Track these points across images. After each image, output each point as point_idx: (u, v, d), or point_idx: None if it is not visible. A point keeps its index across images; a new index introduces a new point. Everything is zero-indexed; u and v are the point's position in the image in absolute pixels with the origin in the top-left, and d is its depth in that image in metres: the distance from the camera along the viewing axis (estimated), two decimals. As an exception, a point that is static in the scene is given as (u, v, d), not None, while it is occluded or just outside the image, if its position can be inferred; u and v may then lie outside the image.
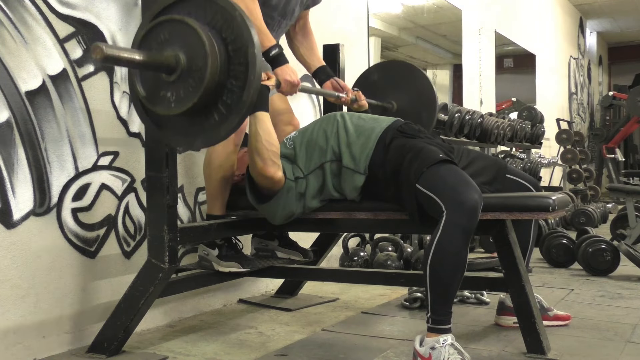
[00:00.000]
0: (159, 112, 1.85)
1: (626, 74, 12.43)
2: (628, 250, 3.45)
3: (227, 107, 1.79)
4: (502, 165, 2.32)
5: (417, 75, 3.01)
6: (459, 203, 1.85)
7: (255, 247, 2.68)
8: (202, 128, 1.83)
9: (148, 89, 1.86)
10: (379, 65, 3.19)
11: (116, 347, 2.11)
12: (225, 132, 1.83)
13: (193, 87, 1.76)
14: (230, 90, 1.78)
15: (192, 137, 1.87)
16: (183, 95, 1.78)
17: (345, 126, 2.21)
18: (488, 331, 2.39)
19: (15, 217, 2.03)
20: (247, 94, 1.75)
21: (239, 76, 1.77)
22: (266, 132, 2.10)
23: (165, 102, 1.82)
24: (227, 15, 1.79)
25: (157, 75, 1.82)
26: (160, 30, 1.81)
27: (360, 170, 2.13)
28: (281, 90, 2.25)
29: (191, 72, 1.76)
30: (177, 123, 1.87)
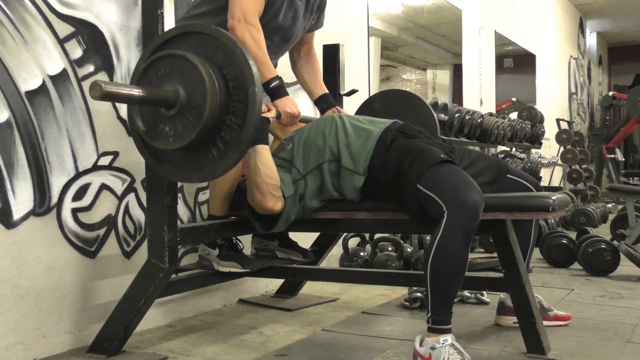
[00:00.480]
0: (158, 147, 1.85)
1: (626, 74, 12.43)
2: (628, 250, 3.45)
3: (226, 144, 1.79)
4: (503, 165, 2.32)
5: (418, 104, 3.01)
6: (460, 203, 1.85)
7: (256, 247, 2.68)
8: (199, 163, 1.84)
9: (147, 123, 1.86)
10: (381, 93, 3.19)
11: (116, 347, 2.11)
12: (223, 169, 1.83)
13: (192, 123, 1.76)
14: (229, 127, 1.79)
15: (190, 171, 1.87)
16: (182, 131, 1.78)
17: (344, 127, 2.20)
18: (488, 331, 2.39)
19: (15, 217, 2.03)
20: (246, 131, 1.76)
21: (238, 113, 1.77)
22: (265, 165, 2.10)
23: (164, 136, 1.82)
24: (228, 51, 1.79)
25: (156, 109, 1.82)
26: (161, 64, 1.82)
27: (359, 171, 2.13)
28: (281, 122, 2.25)
29: (190, 108, 1.76)
30: (176, 158, 1.88)
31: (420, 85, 6.22)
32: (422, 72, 6.25)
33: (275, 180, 2.11)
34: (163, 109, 1.80)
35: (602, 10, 10.76)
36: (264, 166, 2.10)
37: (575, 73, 10.50)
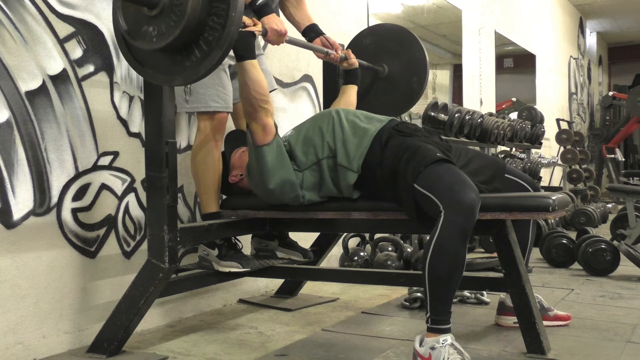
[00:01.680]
0: (141, 47, 1.86)
1: (626, 74, 12.43)
2: (628, 250, 3.45)
3: (208, 44, 1.80)
4: (500, 164, 2.32)
5: (409, 39, 3.00)
6: (457, 203, 1.85)
7: (255, 247, 2.68)
8: (183, 65, 1.85)
9: (130, 23, 1.87)
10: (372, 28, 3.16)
11: (116, 347, 2.11)
12: (205, 69, 1.83)
13: (174, 22, 1.77)
14: (211, 27, 1.80)
15: (173, 74, 1.88)
16: (164, 30, 1.79)
17: (341, 123, 2.21)
18: (488, 331, 2.39)
19: (15, 217, 2.03)
20: (228, 30, 1.77)
21: (220, 13, 1.78)
22: (254, 80, 2.13)
23: (147, 37, 1.83)
24: None
25: (139, 10, 1.83)
26: None
27: (353, 168, 2.13)
28: (268, 39, 2.25)
29: (173, 7, 1.77)
30: (159, 60, 1.88)
31: (420, 85, 6.21)
32: (422, 72, 6.24)
33: (264, 95, 2.15)
34: (146, 8, 1.81)
35: (602, 10, 10.76)
36: (252, 82, 2.12)
37: (575, 73, 10.50)
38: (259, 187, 2.25)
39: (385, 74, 2.95)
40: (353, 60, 2.70)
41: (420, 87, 2.93)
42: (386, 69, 2.95)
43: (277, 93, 3.24)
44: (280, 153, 2.19)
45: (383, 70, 2.95)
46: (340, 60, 2.67)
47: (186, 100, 2.35)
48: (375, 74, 2.96)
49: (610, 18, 11.33)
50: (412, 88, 2.93)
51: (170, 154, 2.04)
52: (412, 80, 2.93)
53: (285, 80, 3.37)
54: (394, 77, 2.94)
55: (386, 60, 2.97)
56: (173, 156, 2.06)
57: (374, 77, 2.96)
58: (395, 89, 2.96)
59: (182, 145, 2.67)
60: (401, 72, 2.96)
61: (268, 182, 2.19)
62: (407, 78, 2.94)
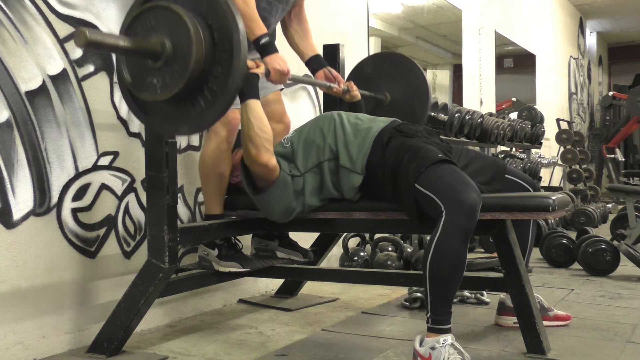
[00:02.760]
0: (145, 99, 1.86)
1: (626, 74, 12.42)
2: (628, 250, 3.45)
3: (213, 94, 1.80)
4: (501, 165, 2.32)
5: (410, 67, 3.00)
6: (458, 203, 1.85)
7: (255, 247, 2.68)
8: (188, 115, 1.84)
9: (134, 75, 1.87)
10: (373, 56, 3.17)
11: (116, 347, 2.11)
12: (210, 119, 1.84)
13: (179, 73, 1.77)
14: (215, 76, 1.79)
15: (178, 124, 1.87)
16: (169, 82, 1.79)
17: (343, 125, 2.21)
18: (488, 331, 2.39)
19: (15, 217, 2.03)
20: (232, 80, 1.77)
21: (224, 63, 1.78)
22: (258, 119, 2.10)
23: (152, 88, 1.82)
24: (212, 2, 1.80)
25: (143, 61, 1.83)
26: (147, 17, 1.82)
27: (357, 170, 2.13)
28: (270, 79, 2.25)
29: (177, 59, 1.77)
30: (164, 110, 1.88)
31: (420, 85, 6.21)
32: (422, 72, 6.25)
33: (268, 134, 2.12)
34: (150, 60, 1.80)
35: (602, 10, 10.76)
36: (256, 120, 2.10)
37: (575, 73, 10.50)
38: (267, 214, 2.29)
39: (388, 101, 2.94)
40: (355, 93, 2.68)
41: (422, 112, 2.93)
42: (388, 97, 2.95)
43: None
44: (285, 187, 2.17)
45: (385, 98, 2.94)
46: (342, 92, 2.66)
47: None
48: (377, 102, 2.94)
49: (610, 18, 11.32)
50: (414, 114, 2.91)
51: (170, 154, 2.04)
52: (414, 106, 2.92)
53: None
54: (396, 104, 2.92)
55: (388, 88, 2.96)
56: (173, 156, 2.06)
57: (376, 105, 2.95)
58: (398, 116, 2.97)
59: (182, 145, 2.67)
60: (403, 98, 2.95)
61: (272, 214, 2.24)
62: (410, 104, 2.92)
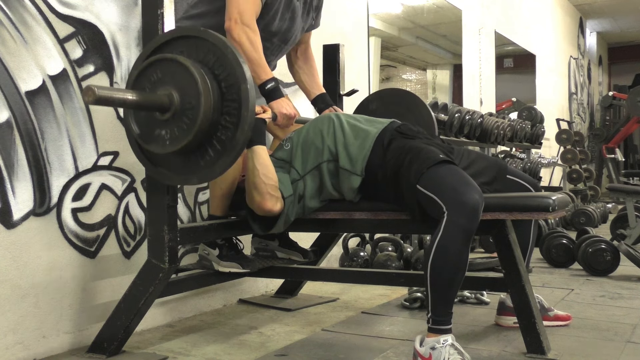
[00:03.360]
0: (154, 151, 1.86)
1: (626, 74, 12.43)
2: (628, 250, 3.45)
3: (222, 144, 1.80)
4: (502, 165, 2.32)
5: (416, 103, 3.00)
6: (460, 203, 1.85)
7: (256, 246, 2.68)
8: (197, 166, 1.85)
9: (142, 127, 1.87)
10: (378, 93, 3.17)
11: (116, 347, 2.11)
12: (220, 169, 1.84)
13: (187, 125, 1.76)
14: (224, 127, 1.80)
15: (187, 175, 1.88)
16: (178, 134, 1.79)
17: (342, 126, 2.20)
18: (488, 331, 2.39)
19: (15, 217, 2.03)
20: (241, 130, 1.77)
21: (232, 112, 1.78)
22: (263, 166, 2.10)
23: (160, 141, 1.82)
24: (218, 52, 1.80)
25: (151, 114, 1.82)
26: (153, 69, 1.82)
27: (357, 171, 2.13)
28: (277, 124, 2.25)
29: (185, 111, 1.77)
30: (173, 161, 1.88)
31: (420, 85, 6.22)
32: (422, 72, 6.25)
33: (273, 181, 2.11)
34: (158, 113, 1.80)
35: (602, 10, 10.76)
36: (262, 166, 2.09)
37: (575, 73, 10.50)
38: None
39: None
40: None
41: None
42: None
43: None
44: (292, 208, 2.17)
45: None
46: None
47: None
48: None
49: (610, 18, 11.33)
50: None
51: (170, 154, 2.04)
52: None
53: (285, 80, 3.37)
54: None
55: None
56: (173, 156, 2.06)
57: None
58: None
59: (182, 145, 2.67)
60: None
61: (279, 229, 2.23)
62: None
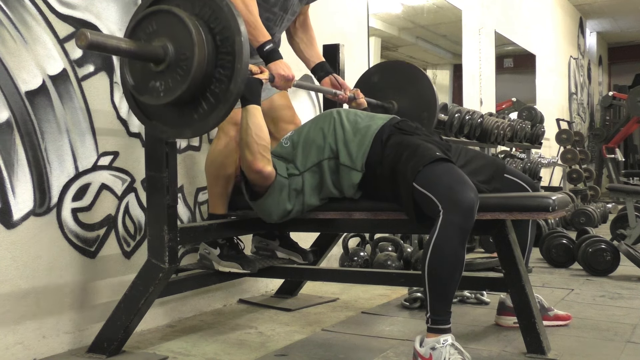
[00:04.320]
0: (148, 102, 1.87)
1: (626, 74, 12.43)
2: (628, 250, 3.45)
3: (216, 97, 1.81)
4: (500, 164, 2.32)
5: (417, 75, 3.01)
6: (455, 202, 1.85)
7: (256, 245, 2.68)
8: (191, 118, 1.85)
9: (137, 79, 1.88)
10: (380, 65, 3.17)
11: (116, 347, 2.11)
12: (213, 122, 1.85)
13: (181, 76, 1.78)
14: (218, 79, 1.81)
15: (182, 127, 1.88)
16: (172, 85, 1.80)
17: (342, 123, 2.21)
18: (488, 331, 2.39)
19: (15, 217, 2.03)
20: (234, 82, 1.78)
21: (226, 65, 1.79)
22: (256, 125, 2.11)
23: (154, 92, 1.83)
24: (214, 6, 1.81)
25: (146, 65, 1.83)
26: (149, 21, 1.83)
27: (357, 167, 2.13)
28: (275, 85, 2.26)
29: (179, 62, 1.78)
30: (167, 114, 1.89)
31: (420, 85, 6.21)
32: (422, 72, 6.25)
33: (265, 142, 2.12)
34: (152, 64, 1.81)
35: (602, 10, 10.76)
36: (255, 126, 2.10)
37: (575, 73, 10.50)
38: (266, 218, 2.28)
39: (395, 110, 2.94)
40: (362, 100, 2.69)
41: (430, 122, 2.92)
42: (395, 106, 2.95)
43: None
44: (281, 191, 2.17)
45: (392, 107, 2.95)
46: (349, 100, 2.68)
47: None
48: (384, 111, 2.94)
49: (610, 18, 11.33)
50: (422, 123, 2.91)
51: (170, 154, 2.04)
52: (422, 115, 2.92)
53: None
54: (403, 113, 2.91)
55: (395, 97, 2.96)
56: (173, 156, 2.06)
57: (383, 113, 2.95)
58: None
59: (182, 145, 2.67)
60: (410, 107, 2.95)
61: (271, 217, 2.23)
62: (417, 113, 2.93)
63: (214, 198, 2.41)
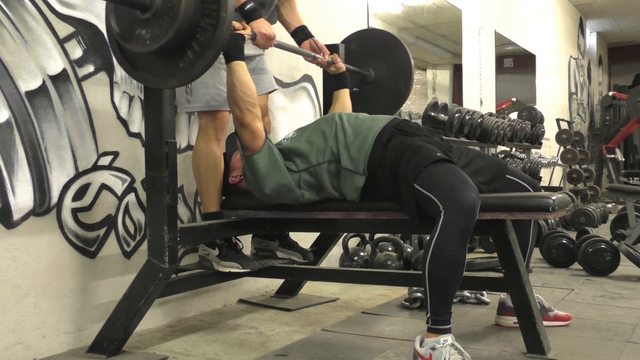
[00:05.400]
0: (134, 50, 1.88)
1: (626, 74, 12.43)
2: (628, 250, 3.45)
3: (201, 45, 1.83)
4: (502, 165, 2.31)
5: (394, 43, 3.08)
6: (457, 202, 1.85)
7: (256, 246, 2.68)
8: (177, 67, 1.87)
9: (123, 27, 1.89)
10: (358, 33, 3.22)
11: (116, 347, 2.11)
12: (199, 69, 1.86)
13: (168, 24, 1.79)
14: (203, 28, 1.82)
15: (167, 77, 1.89)
16: (158, 32, 1.81)
17: (343, 127, 2.21)
18: (488, 331, 2.39)
19: (15, 217, 2.03)
20: (219, 31, 1.80)
21: (211, 14, 1.81)
22: (241, 82, 2.14)
23: (141, 40, 1.85)
24: None
25: (132, 13, 1.85)
26: None
27: (359, 171, 2.13)
28: (257, 43, 2.29)
29: (166, 10, 1.79)
30: (153, 63, 1.91)
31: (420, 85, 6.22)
32: (422, 72, 6.25)
33: (251, 97, 2.15)
34: (139, 12, 1.83)
35: (602, 10, 10.76)
36: (239, 83, 2.13)
37: (575, 73, 10.50)
38: (256, 192, 2.27)
39: (372, 77, 3.04)
40: (340, 64, 2.76)
41: (406, 88, 3.02)
42: (372, 73, 3.04)
43: (277, 93, 3.24)
44: (273, 157, 2.19)
45: (370, 74, 3.03)
46: (327, 64, 2.74)
47: (187, 100, 2.36)
48: (362, 78, 3.03)
49: (610, 18, 11.33)
50: (399, 89, 3.02)
51: (170, 154, 2.04)
52: (399, 82, 3.02)
53: (285, 80, 3.37)
54: (381, 80, 3.02)
55: (372, 65, 3.05)
56: (173, 156, 2.06)
57: (361, 81, 3.04)
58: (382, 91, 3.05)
59: (182, 145, 2.67)
60: (388, 74, 3.04)
61: (263, 187, 2.22)
62: (394, 80, 3.02)
63: (205, 197, 2.42)
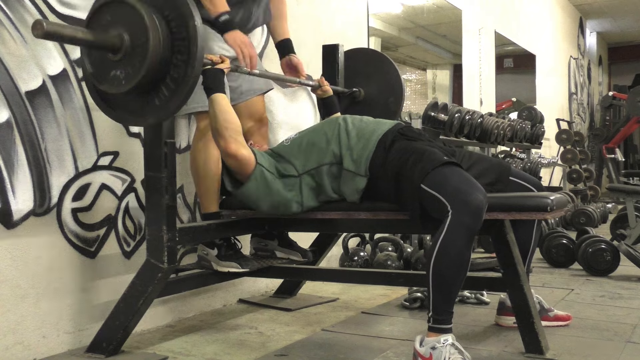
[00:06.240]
0: (110, 91, 1.91)
1: (626, 74, 12.43)
2: (628, 250, 3.45)
3: (175, 81, 1.86)
4: (505, 167, 2.32)
5: (383, 61, 3.06)
6: (465, 203, 1.85)
7: (255, 246, 2.68)
8: (153, 105, 1.90)
9: (97, 69, 1.92)
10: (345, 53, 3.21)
11: (115, 347, 2.11)
12: (174, 106, 1.89)
13: (139, 62, 1.82)
14: (176, 65, 1.85)
15: (144, 115, 1.93)
16: (131, 72, 1.84)
17: (347, 129, 2.21)
18: (488, 331, 2.40)
19: (15, 217, 2.03)
20: (191, 67, 1.82)
21: (183, 51, 1.84)
22: (223, 112, 2.13)
23: (116, 80, 1.87)
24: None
25: (105, 56, 1.87)
26: (104, 13, 1.88)
27: (361, 172, 2.13)
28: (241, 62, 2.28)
29: (135, 49, 1.82)
30: (129, 102, 1.94)
31: (420, 85, 6.22)
32: (422, 72, 6.26)
33: (235, 125, 2.15)
34: (110, 53, 1.85)
35: (602, 10, 10.76)
36: (221, 113, 2.13)
37: (575, 73, 10.50)
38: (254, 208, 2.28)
39: (362, 97, 3.00)
40: (327, 88, 2.74)
41: (397, 106, 2.99)
42: (362, 92, 3.01)
43: (277, 93, 3.25)
44: (265, 181, 2.17)
45: (359, 94, 3.00)
46: (313, 88, 2.72)
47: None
48: (352, 98, 3.00)
49: (610, 18, 11.32)
50: (389, 108, 2.99)
51: (169, 154, 2.04)
52: (388, 100, 2.99)
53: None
54: (370, 99, 3.00)
55: (362, 84, 3.02)
56: (172, 156, 2.06)
57: (350, 101, 3.01)
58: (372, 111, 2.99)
59: (181, 145, 2.68)
60: (378, 93, 3.01)
61: (260, 208, 2.24)
62: (384, 99, 2.99)
63: (204, 197, 2.42)
